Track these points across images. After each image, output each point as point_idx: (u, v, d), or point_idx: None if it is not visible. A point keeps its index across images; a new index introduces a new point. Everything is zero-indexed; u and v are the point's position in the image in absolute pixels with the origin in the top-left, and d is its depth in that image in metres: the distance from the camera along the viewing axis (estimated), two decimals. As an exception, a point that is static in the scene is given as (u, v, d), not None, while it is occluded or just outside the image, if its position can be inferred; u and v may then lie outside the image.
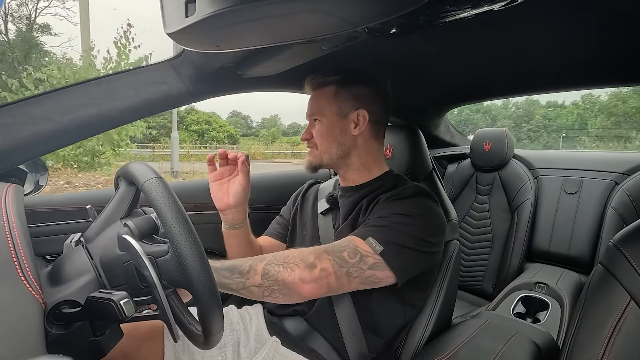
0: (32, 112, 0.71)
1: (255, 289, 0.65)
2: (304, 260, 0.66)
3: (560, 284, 1.46)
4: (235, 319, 0.86)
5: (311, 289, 0.65)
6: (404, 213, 0.75)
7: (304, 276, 0.65)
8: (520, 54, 0.94)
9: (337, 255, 0.68)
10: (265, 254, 0.70)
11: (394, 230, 0.72)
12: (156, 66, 0.81)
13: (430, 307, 0.88)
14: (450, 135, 2.01)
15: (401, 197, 0.80)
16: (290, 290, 0.65)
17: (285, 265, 0.65)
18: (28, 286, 0.42)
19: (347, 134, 0.87)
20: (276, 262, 0.66)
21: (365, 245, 0.70)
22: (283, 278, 0.64)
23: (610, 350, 0.55)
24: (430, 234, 0.76)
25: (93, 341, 0.49)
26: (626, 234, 0.64)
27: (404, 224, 0.74)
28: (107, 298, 0.43)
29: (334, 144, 0.86)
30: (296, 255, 0.67)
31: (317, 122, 0.88)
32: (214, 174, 0.89)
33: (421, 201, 0.79)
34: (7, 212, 0.51)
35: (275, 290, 0.65)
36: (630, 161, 1.69)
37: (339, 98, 0.85)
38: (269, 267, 0.65)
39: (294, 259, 0.66)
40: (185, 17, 0.45)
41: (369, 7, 0.45)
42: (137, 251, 0.44)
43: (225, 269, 0.66)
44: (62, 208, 0.99)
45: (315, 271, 0.65)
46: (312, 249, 0.70)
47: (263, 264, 0.66)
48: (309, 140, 0.90)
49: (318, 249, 0.70)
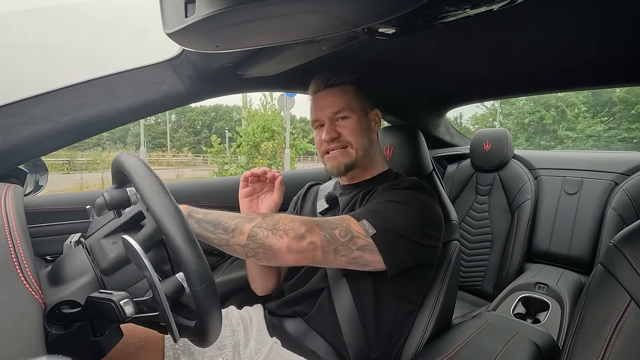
0: (32, 112, 0.71)
1: (239, 248, 0.64)
2: (294, 230, 0.64)
3: (561, 284, 1.46)
4: (235, 320, 0.86)
5: (295, 259, 0.64)
6: (400, 201, 0.76)
7: (292, 246, 0.63)
8: (520, 54, 0.94)
9: (329, 232, 0.67)
10: (253, 214, 0.68)
11: (389, 217, 0.72)
12: (155, 66, 0.81)
13: (431, 308, 0.88)
14: (450, 135, 2.01)
15: (399, 187, 0.81)
16: (274, 256, 0.64)
17: (275, 232, 0.64)
18: (28, 286, 0.42)
19: (371, 131, 0.90)
20: (265, 226, 0.64)
21: (358, 226, 0.69)
22: (270, 244, 0.63)
23: (611, 350, 0.55)
24: (426, 225, 0.76)
25: (93, 341, 0.49)
26: (626, 235, 0.64)
27: (399, 211, 0.74)
28: (107, 298, 0.43)
29: (365, 139, 0.87)
30: (287, 223, 0.65)
31: (346, 119, 0.86)
32: (245, 190, 0.88)
33: (418, 194, 0.80)
34: (6, 213, 0.51)
35: (259, 252, 0.63)
36: (630, 161, 1.69)
37: (360, 96, 0.88)
38: (257, 230, 0.64)
39: (284, 226, 0.65)
40: (184, 17, 0.45)
41: (369, 7, 0.45)
42: (137, 252, 0.44)
43: (209, 222, 0.65)
44: (61, 208, 0.99)
45: (304, 243, 0.64)
46: (304, 219, 0.68)
47: (251, 225, 0.64)
48: (336, 140, 0.86)
49: (310, 220, 0.68)
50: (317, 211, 0.95)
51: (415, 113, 1.58)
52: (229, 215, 0.66)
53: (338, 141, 0.86)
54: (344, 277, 0.80)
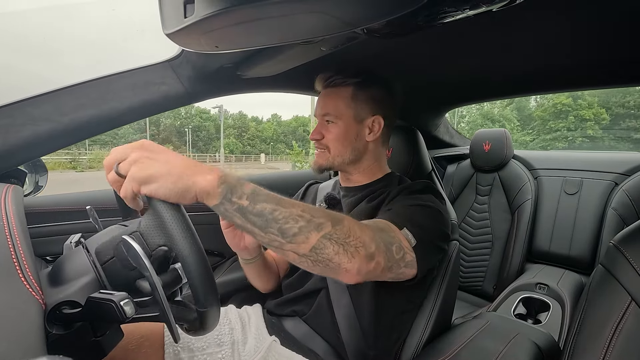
0: (32, 112, 0.71)
1: (294, 256, 0.52)
2: (365, 247, 0.55)
3: (561, 284, 1.46)
4: (234, 318, 0.86)
5: (357, 280, 0.55)
6: (426, 205, 0.74)
7: (362, 268, 0.54)
8: (519, 55, 0.94)
9: (388, 248, 0.60)
10: (319, 213, 0.53)
11: (423, 223, 0.70)
12: (155, 67, 0.82)
13: (430, 308, 0.88)
14: (449, 135, 2.01)
15: (417, 190, 0.80)
16: (337, 274, 0.54)
17: (346, 247, 0.53)
18: (28, 287, 0.42)
19: (361, 140, 0.86)
20: (337, 239, 0.52)
21: (403, 237, 0.65)
22: (340, 262, 0.52)
23: (612, 351, 0.55)
24: (447, 227, 0.78)
25: (93, 342, 0.49)
26: (626, 235, 0.64)
27: (429, 216, 0.73)
28: (107, 299, 0.43)
29: (348, 148, 0.85)
30: (358, 235, 0.55)
31: (332, 124, 0.85)
32: (224, 222, 0.76)
33: (434, 198, 0.80)
34: (6, 213, 0.51)
35: (319, 266, 0.52)
36: (630, 161, 1.69)
37: (356, 101, 0.84)
38: (327, 243, 0.51)
39: (355, 241, 0.54)
40: (184, 18, 0.46)
41: (368, 8, 0.45)
42: (138, 252, 0.44)
43: (259, 215, 0.49)
44: (61, 209, 0.99)
45: (372, 264, 0.56)
46: (368, 228, 0.58)
47: (320, 235, 0.51)
48: (318, 141, 0.86)
49: (373, 232, 0.59)
50: None
51: (414, 113, 1.58)
52: (290, 212, 0.50)
53: (320, 143, 0.86)
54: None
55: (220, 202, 0.48)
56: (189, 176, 0.46)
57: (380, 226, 0.64)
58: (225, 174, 0.49)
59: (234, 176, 0.49)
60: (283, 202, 0.51)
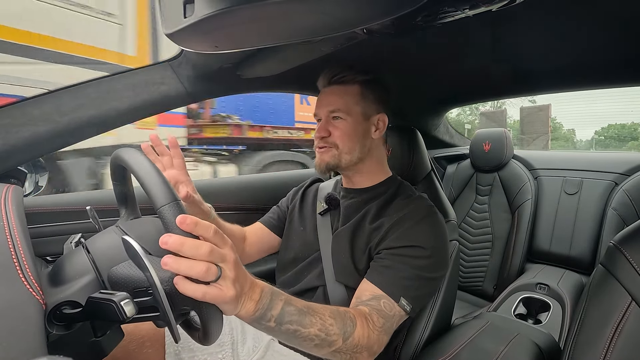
0: (32, 112, 0.71)
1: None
2: (369, 349, 0.65)
3: (562, 284, 1.46)
4: (234, 318, 0.85)
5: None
6: (424, 246, 0.74)
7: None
8: (519, 55, 0.95)
9: (388, 333, 0.70)
10: (334, 336, 0.61)
11: (421, 273, 0.73)
12: (155, 67, 0.82)
13: (429, 308, 0.88)
14: (449, 135, 2.01)
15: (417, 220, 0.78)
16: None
17: (352, 356, 0.63)
18: (28, 287, 0.42)
19: (368, 137, 0.85)
20: (345, 350, 0.62)
21: (398, 309, 0.71)
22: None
23: (612, 351, 0.55)
24: (446, 262, 0.80)
25: (94, 342, 0.49)
26: (626, 235, 0.64)
27: (427, 268, 0.74)
28: (107, 299, 0.43)
29: (357, 145, 0.84)
30: (363, 344, 0.63)
31: (340, 120, 0.83)
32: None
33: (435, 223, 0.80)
34: (7, 213, 0.51)
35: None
36: (630, 162, 1.69)
37: (364, 99, 0.83)
38: (336, 355, 0.62)
39: (360, 348, 0.63)
40: (183, 18, 0.45)
41: (368, 7, 0.45)
42: (138, 252, 0.44)
43: (282, 332, 0.55)
44: (61, 209, 0.99)
45: (374, 354, 0.67)
46: (372, 331, 0.66)
47: (331, 349, 0.61)
48: (324, 139, 0.84)
49: (377, 333, 0.67)
50: (317, 212, 0.95)
51: (414, 113, 1.58)
52: (309, 332, 0.57)
53: (326, 140, 0.84)
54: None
55: (250, 322, 0.53)
56: (239, 303, 0.49)
57: (382, 313, 0.69)
58: (263, 303, 0.52)
59: (269, 298, 0.53)
60: (305, 322, 0.56)
